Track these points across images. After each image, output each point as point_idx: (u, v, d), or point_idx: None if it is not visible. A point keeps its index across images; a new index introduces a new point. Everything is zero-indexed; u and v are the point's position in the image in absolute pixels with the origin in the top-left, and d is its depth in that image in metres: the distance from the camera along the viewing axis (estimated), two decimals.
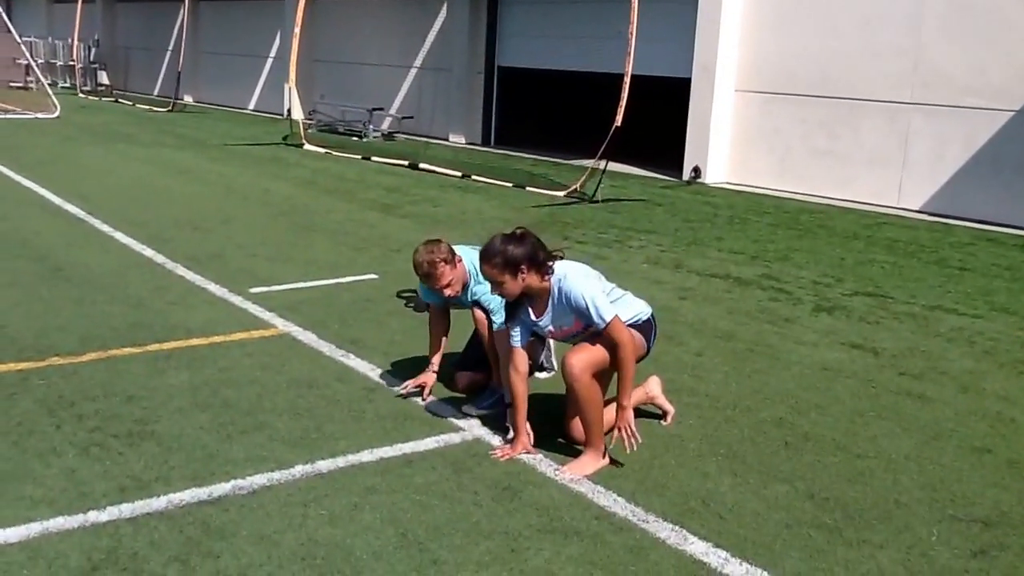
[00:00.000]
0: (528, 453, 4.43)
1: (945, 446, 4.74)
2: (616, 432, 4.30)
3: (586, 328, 4.32)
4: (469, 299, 5.02)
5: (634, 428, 4.29)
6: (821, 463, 4.49)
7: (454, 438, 4.65)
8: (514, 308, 4.41)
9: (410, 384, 5.16)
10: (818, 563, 3.60)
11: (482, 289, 4.81)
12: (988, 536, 3.86)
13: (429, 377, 5.17)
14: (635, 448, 4.31)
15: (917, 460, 4.56)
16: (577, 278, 4.28)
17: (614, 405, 4.42)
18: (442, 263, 4.85)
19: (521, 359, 4.44)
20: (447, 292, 4.94)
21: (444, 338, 5.24)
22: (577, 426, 4.45)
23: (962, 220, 11.69)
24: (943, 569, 3.59)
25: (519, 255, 4.22)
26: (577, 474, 4.25)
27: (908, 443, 4.76)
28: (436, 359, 5.22)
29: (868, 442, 4.75)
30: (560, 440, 4.56)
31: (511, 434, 4.54)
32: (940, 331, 6.78)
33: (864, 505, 4.08)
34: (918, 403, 5.32)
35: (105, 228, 9.43)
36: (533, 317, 4.39)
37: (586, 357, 4.24)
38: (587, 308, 4.19)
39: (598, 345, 4.27)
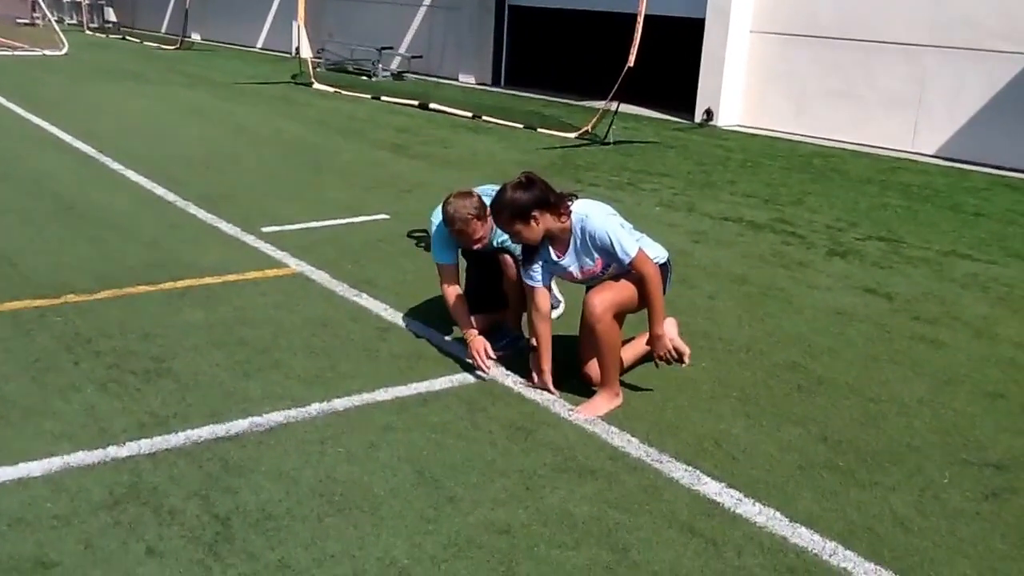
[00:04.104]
0: (549, 393, 4.45)
1: (958, 391, 4.76)
2: (656, 360, 4.44)
3: (606, 268, 4.32)
4: (495, 244, 4.94)
5: (678, 344, 4.45)
6: (834, 406, 4.51)
7: (468, 378, 4.68)
8: (534, 248, 4.39)
9: (477, 358, 4.72)
10: (830, 504, 3.63)
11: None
12: (1000, 480, 3.88)
13: (479, 341, 4.77)
14: (687, 362, 4.51)
15: (930, 404, 4.58)
16: (600, 216, 4.27)
17: (630, 344, 4.45)
18: (475, 219, 4.67)
19: (543, 299, 4.45)
20: (476, 246, 4.81)
21: (464, 299, 4.94)
22: (592, 367, 4.46)
23: (978, 165, 11.59)
24: (955, 511, 3.62)
25: (527, 201, 4.20)
26: (591, 415, 4.27)
27: (921, 387, 4.78)
28: (469, 320, 4.88)
29: (881, 386, 4.77)
30: (573, 380, 4.58)
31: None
32: (954, 276, 6.77)
33: (877, 448, 4.10)
34: (931, 348, 5.33)
35: (117, 167, 9.41)
36: (555, 257, 4.38)
37: (609, 296, 4.24)
38: (612, 245, 4.19)
39: (621, 284, 4.28)
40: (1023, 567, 3.28)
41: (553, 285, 5.43)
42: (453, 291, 4.93)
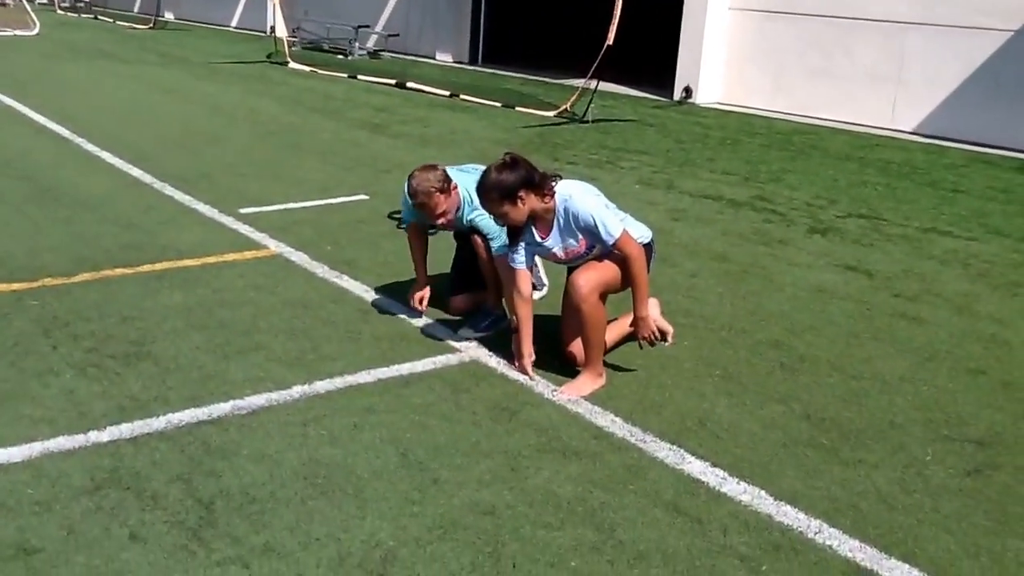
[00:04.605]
0: (528, 377, 4.43)
1: (939, 367, 4.78)
2: (640, 342, 4.41)
3: (590, 249, 4.30)
4: (464, 222, 4.96)
5: (661, 324, 4.45)
6: (816, 384, 4.52)
7: (451, 359, 4.66)
8: (517, 230, 4.37)
9: (414, 300, 5.12)
10: (814, 482, 3.64)
11: (478, 213, 4.75)
12: (982, 456, 3.90)
13: (425, 290, 5.14)
14: (670, 341, 4.57)
15: (912, 381, 4.59)
16: (583, 197, 4.25)
17: (614, 324, 4.44)
18: (437, 193, 4.73)
19: (524, 281, 4.43)
20: (441, 221, 4.86)
21: (425, 252, 5.19)
22: (576, 346, 4.45)
23: (956, 142, 11.64)
24: (938, 488, 3.64)
25: (513, 182, 4.18)
26: (575, 395, 4.26)
27: (903, 364, 4.79)
28: (423, 271, 5.17)
29: (863, 363, 4.78)
30: (556, 361, 4.57)
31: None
32: (934, 253, 6.79)
33: (859, 425, 4.12)
34: (912, 325, 5.35)
35: (91, 148, 9.31)
36: (538, 238, 4.36)
37: (594, 277, 4.23)
38: (595, 226, 4.17)
39: (605, 264, 4.27)
40: (1006, 543, 3.30)
41: (540, 266, 5.43)
42: (415, 247, 5.17)
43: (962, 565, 3.16)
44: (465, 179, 4.87)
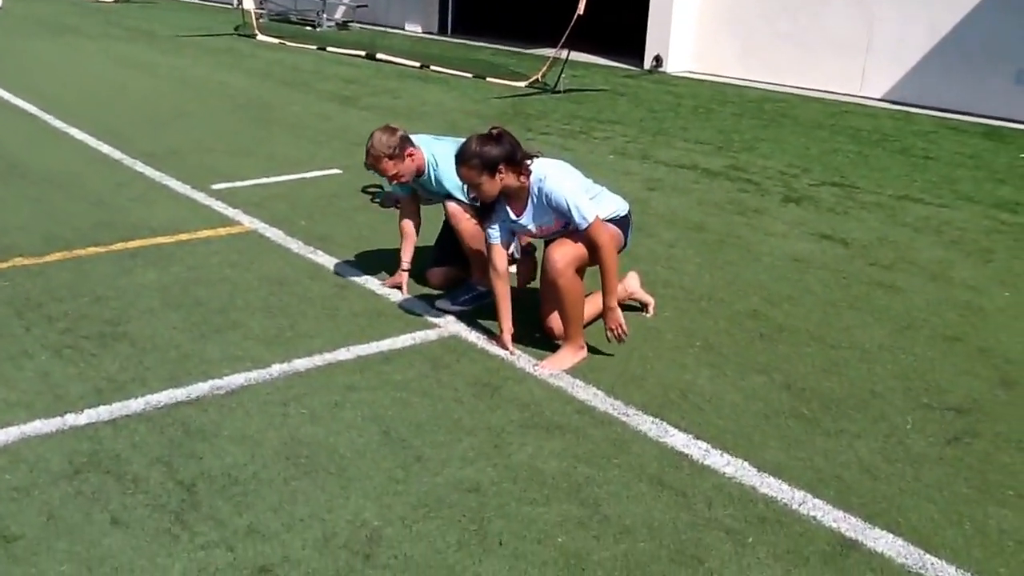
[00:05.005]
0: (508, 352, 4.41)
1: (917, 335, 4.80)
2: (607, 334, 4.31)
3: (565, 226, 4.28)
4: (434, 185, 4.94)
5: (625, 328, 4.31)
6: (796, 354, 4.53)
7: (430, 335, 4.63)
8: (492, 206, 4.34)
9: (388, 284, 5.15)
10: (797, 453, 3.65)
11: (445, 176, 4.78)
12: (961, 423, 3.93)
13: (401, 277, 5.14)
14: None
15: (890, 350, 4.61)
16: (559, 179, 4.21)
17: (593, 296, 4.43)
18: (385, 159, 4.78)
19: (500, 258, 4.40)
20: (393, 181, 4.94)
21: (415, 235, 5.18)
22: (555, 320, 4.43)
23: (923, 108, 11.68)
24: (919, 457, 3.66)
25: (496, 155, 4.15)
26: (556, 369, 4.25)
27: (881, 333, 4.81)
28: (407, 257, 5.16)
29: (842, 332, 4.80)
30: (537, 335, 4.55)
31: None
32: (907, 221, 6.82)
33: (840, 395, 4.13)
34: (889, 293, 5.37)
35: (59, 124, 9.16)
36: (513, 216, 4.33)
37: (570, 252, 4.20)
38: (569, 210, 4.15)
39: (581, 240, 4.24)
40: (987, 510, 3.32)
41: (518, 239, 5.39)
42: (404, 224, 5.17)
43: (945, 534, 3.19)
44: (437, 146, 4.91)
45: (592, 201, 4.31)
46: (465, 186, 4.37)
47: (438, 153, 4.88)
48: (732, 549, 3.07)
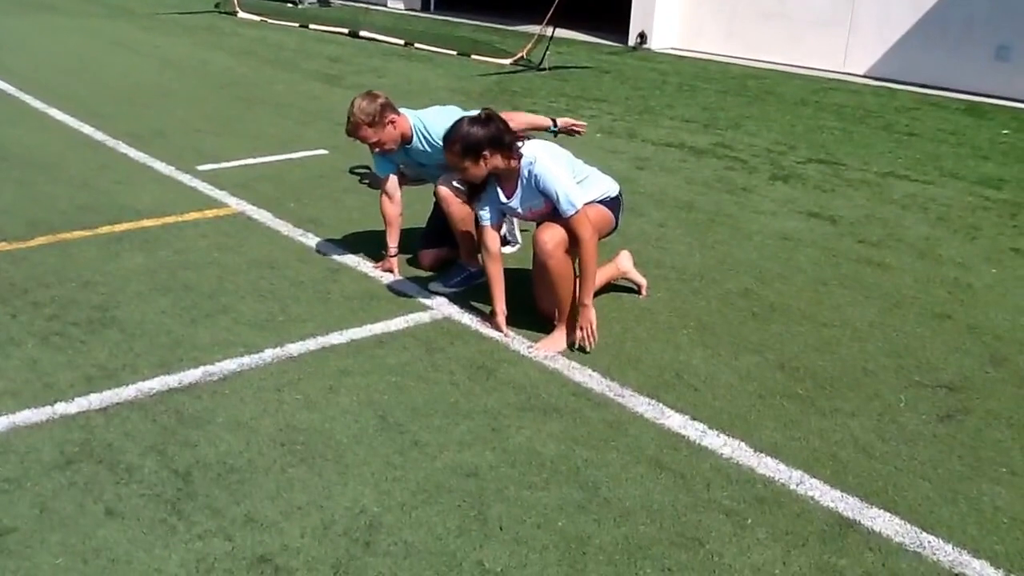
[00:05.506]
0: (502, 334, 4.39)
1: (907, 313, 4.82)
2: (577, 331, 4.26)
3: (556, 210, 4.25)
4: (426, 148, 4.90)
5: (595, 328, 4.26)
6: (789, 333, 4.54)
7: (423, 317, 4.61)
8: (483, 188, 4.32)
9: (379, 268, 5.12)
10: (793, 432, 3.66)
11: (436, 134, 4.75)
12: (953, 400, 3.94)
13: (391, 262, 5.09)
14: (593, 346, 4.25)
15: (881, 328, 4.63)
16: (548, 162, 4.18)
17: (604, 267, 4.42)
18: (364, 126, 4.80)
19: (492, 239, 4.38)
20: (376, 150, 4.92)
21: (398, 219, 5.11)
22: (549, 301, 4.41)
23: (904, 84, 11.69)
24: (913, 435, 3.67)
25: (480, 137, 4.12)
26: (551, 350, 4.24)
27: (871, 311, 4.82)
28: (394, 243, 5.10)
29: (833, 311, 4.81)
30: (531, 316, 4.53)
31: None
32: (894, 198, 6.83)
33: (833, 374, 4.14)
34: (878, 271, 5.38)
35: (39, 104, 9.05)
36: (503, 198, 4.31)
37: (559, 233, 4.18)
38: (556, 197, 4.12)
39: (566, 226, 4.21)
40: (981, 487, 3.34)
41: (516, 223, 5.38)
42: (386, 207, 5.10)
43: (941, 511, 3.20)
44: (426, 116, 4.92)
45: (582, 184, 4.30)
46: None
47: (425, 117, 4.88)
48: (732, 530, 3.07)
